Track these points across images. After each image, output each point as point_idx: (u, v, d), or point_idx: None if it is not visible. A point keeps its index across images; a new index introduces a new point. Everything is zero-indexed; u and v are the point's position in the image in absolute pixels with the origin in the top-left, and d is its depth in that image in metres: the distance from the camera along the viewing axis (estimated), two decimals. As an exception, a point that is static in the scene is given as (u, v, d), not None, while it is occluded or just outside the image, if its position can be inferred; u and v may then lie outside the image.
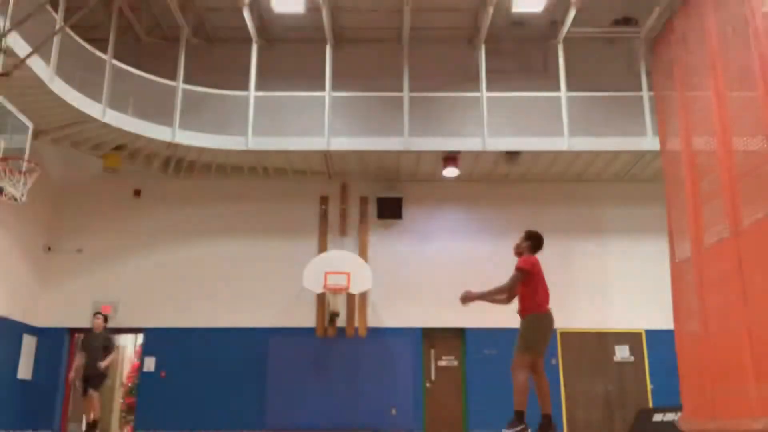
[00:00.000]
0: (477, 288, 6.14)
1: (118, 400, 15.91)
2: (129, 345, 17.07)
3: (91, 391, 10.03)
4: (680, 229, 9.48)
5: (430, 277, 12.78)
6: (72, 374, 10.57)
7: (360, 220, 13.19)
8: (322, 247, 12.89)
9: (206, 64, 13.40)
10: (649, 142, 11.77)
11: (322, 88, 12.18)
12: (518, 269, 5.86)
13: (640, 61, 12.48)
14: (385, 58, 13.64)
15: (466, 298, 5.94)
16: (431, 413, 12.38)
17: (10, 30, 8.24)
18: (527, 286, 5.82)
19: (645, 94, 12.07)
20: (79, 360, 10.29)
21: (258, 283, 12.72)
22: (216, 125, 12.01)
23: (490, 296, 5.96)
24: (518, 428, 5.41)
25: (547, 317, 5.84)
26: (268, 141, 11.98)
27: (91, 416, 10.07)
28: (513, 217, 12.90)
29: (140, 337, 13.69)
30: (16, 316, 11.77)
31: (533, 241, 6.05)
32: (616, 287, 12.79)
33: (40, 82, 9.42)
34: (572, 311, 12.35)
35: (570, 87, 12.17)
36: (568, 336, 12.43)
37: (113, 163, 11.88)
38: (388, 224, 13.16)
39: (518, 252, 6.07)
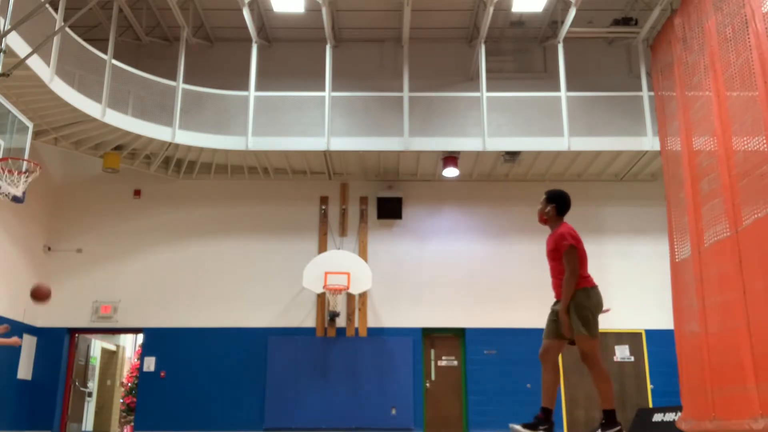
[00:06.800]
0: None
1: (118, 400, 15.93)
2: (129, 345, 17.11)
3: None
4: (680, 229, 9.49)
5: (430, 277, 12.78)
6: None
7: (360, 220, 13.19)
8: (322, 247, 12.89)
9: (206, 64, 13.44)
10: (649, 142, 11.79)
11: (322, 88, 12.18)
12: (568, 247, 4.85)
13: (640, 61, 12.49)
14: (385, 58, 13.67)
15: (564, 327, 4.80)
16: (431, 413, 12.38)
17: (10, 30, 8.23)
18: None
19: (645, 94, 12.07)
20: None
21: (258, 283, 12.72)
22: (216, 125, 12.02)
23: (569, 292, 4.81)
24: (615, 429, 4.51)
25: (598, 292, 4.93)
26: (268, 141, 11.98)
27: None
28: (513, 217, 12.94)
29: (140, 337, 13.69)
30: (16, 316, 11.77)
31: (558, 203, 5.13)
32: (615, 287, 12.72)
33: (40, 82, 9.40)
34: (572, 311, 12.37)
35: (570, 87, 12.16)
36: (568, 336, 12.42)
37: (113, 163, 11.86)
38: (388, 224, 13.16)
39: (543, 219, 5.22)
